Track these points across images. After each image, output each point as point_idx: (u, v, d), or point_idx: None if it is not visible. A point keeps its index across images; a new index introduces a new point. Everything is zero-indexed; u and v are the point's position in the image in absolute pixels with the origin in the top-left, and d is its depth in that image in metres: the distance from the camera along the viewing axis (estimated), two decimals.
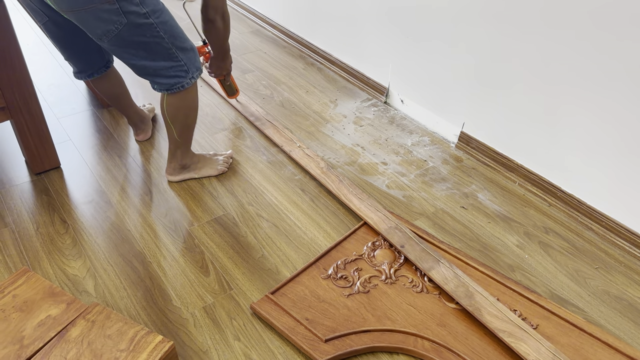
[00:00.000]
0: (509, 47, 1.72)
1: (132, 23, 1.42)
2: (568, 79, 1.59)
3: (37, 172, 1.89)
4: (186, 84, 1.61)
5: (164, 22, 1.48)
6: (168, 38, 1.50)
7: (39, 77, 2.47)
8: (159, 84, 1.60)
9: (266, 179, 1.88)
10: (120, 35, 1.44)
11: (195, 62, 1.63)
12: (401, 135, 2.12)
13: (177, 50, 1.54)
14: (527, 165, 1.83)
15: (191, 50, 1.60)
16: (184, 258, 1.56)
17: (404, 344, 1.29)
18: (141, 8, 1.41)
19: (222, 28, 1.77)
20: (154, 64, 1.54)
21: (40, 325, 1.25)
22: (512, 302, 1.40)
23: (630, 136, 1.49)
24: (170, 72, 1.57)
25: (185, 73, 1.60)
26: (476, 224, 1.70)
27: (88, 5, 1.37)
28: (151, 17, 1.44)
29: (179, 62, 1.57)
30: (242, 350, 1.31)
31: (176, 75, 1.58)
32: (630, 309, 1.43)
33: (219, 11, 1.71)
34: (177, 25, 1.54)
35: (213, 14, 1.71)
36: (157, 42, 1.49)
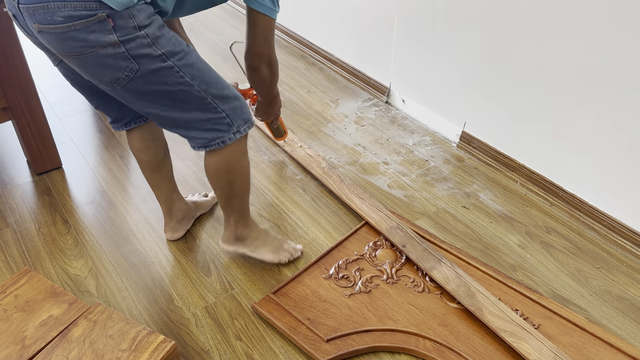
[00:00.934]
0: (511, 47, 1.72)
1: (147, 69, 1.13)
2: (570, 79, 1.59)
3: (39, 172, 1.89)
4: (228, 139, 1.28)
5: (189, 65, 1.18)
6: (199, 84, 1.20)
7: (41, 77, 2.48)
8: (194, 140, 1.30)
9: (267, 179, 1.88)
10: (134, 83, 1.16)
11: (242, 113, 1.30)
12: (402, 135, 2.12)
13: (215, 99, 1.23)
14: (528, 165, 1.83)
15: (235, 99, 1.28)
16: (185, 258, 1.56)
17: (406, 343, 1.29)
18: (155, 49, 1.12)
19: (268, 76, 1.46)
20: (186, 115, 1.24)
21: (42, 325, 1.25)
22: (514, 302, 1.40)
23: (632, 136, 1.49)
24: (207, 124, 1.26)
25: (228, 127, 1.28)
26: (478, 224, 1.70)
27: (86, 50, 1.09)
28: (170, 59, 1.15)
29: (219, 114, 1.26)
30: (243, 350, 1.31)
31: (215, 128, 1.27)
32: (632, 308, 1.43)
33: (264, 58, 1.39)
34: (209, 70, 1.24)
35: (257, 62, 1.40)
36: (184, 91, 1.19)
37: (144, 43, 1.11)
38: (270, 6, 1.28)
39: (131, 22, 1.08)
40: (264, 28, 1.32)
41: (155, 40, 1.12)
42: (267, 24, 1.31)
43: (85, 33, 1.06)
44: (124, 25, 1.08)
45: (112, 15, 1.05)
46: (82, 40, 1.07)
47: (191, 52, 1.21)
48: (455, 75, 1.97)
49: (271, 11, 1.29)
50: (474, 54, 1.86)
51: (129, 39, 1.09)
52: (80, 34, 1.07)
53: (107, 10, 1.05)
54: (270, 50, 1.40)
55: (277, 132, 1.91)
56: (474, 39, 1.83)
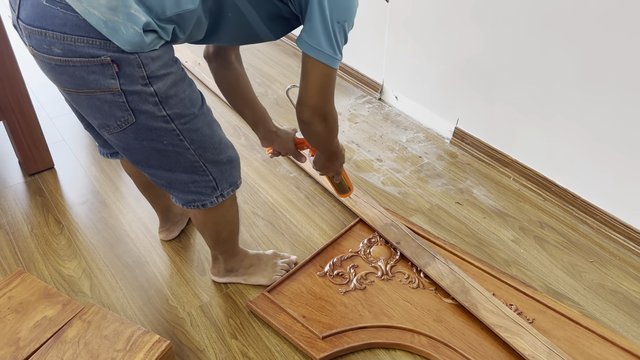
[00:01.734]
0: (503, 43, 1.72)
1: (143, 125, 1.02)
2: (562, 74, 1.59)
3: (31, 173, 1.88)
4: (209, 202, 1.21)
5: (193, 130, 1.08)
6: (196, 149, 1.10)
7: (31, 77, 2.46)
8: (174, 196, 1.22)
9: (261, 177, 1.87)
10: (124, 134, 1.04)
11: (230, 176, 1.21)
12: (396, 132, 2.13)
13: (207, 163, 1.14)
14: (521, 161, 1.83)
15: (228, 163, 1.19)
16: (179, 257, 1.56)
17: (401, 339, 1.30)
18: (160, 109, 1.01)
19: (322, 132, 1.21)
20: (170, 174, 1.14)
21: (36, 326, 1.24)
22: (508, 297, 1.40)
23: (624, 131, 1.50)
24: (191, 187, 1.17)
25: (212, 190, 1.20)
26: (471, 220, 1.70)
27: (82, 89, 0.97)
28: (174, 121, 1.04)
29: (205, 177, 1.17)
30: (239, 349, 1.31)
31: (198, 191, 1.19)
32: (625, 301, 1.44)
33: (317, 112, 1.15)
34: (213, 134, 1.13)
35: (309, 115, 1.15)
36: (177, 152, 1.09)
37: (149, 100, 0.99)
38: (329, 53, 1.05)
39: (140, 71, 0.95)
40: (320, 78, 1.09)
41: (165, 99, 1.00)
42: (324, 74, 1.08)
43: (84, 72, 0.94)
44: (131, 73, 0.94)
45: (117, 60, 0.92)
46: (80, 78, 0.95)
47: (201, 115, 1.09)
48: (448, 72, 1.97)
49: (330, 59, 1.05)
50: (466, 50, 1.86)
51: (133, 91, 0.97)
52: (78, 71, 0.94)
53: (112, 54, 0.91)
54: (326, 104, 1.15)
55: (339, 187, 1.63)
56: (466, 35, 1.83)
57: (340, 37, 1.06)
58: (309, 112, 1.14)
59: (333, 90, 1.14)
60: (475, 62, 1.84)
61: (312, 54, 1.04)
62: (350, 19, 1.06)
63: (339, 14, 1.02)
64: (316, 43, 1.03)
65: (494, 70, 1.79)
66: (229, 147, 1.20)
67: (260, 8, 1.05)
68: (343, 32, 1.06)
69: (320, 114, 1.15)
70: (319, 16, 1.01)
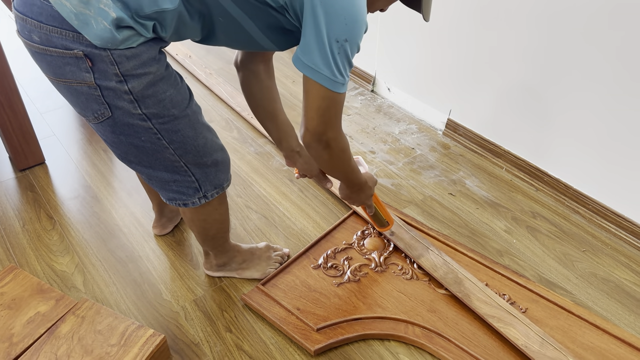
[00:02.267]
0: (494, 34, 1.72)
1: (120, 120, 1.01)
2: (553, 65, 1.59)
3: (22, 168, 1.87)
4: (191, 203, 1.19)
5: (173, 131, 1.05)
6: (176, 149, 1.08)
7: (20, 71, 2.43)
8: (158, 191, 1.21)
9: (254, 171, 1.87)
10: (103, 127, 1.04)
11: (215, 179, 1.18)
12: (389, 124, 2.12)
13: (188, 164, 1.12)
14: (514, 151, 1.84)
15: (213, 166, 1.16)
16: (173, 252, 1.55)
17: (395, 330, 1.30)
18: (135, 107, 0.99)
19: (327, 159, 1.10)
20: (150, 171, 1.13)
21: (29, 322, 1.24)
22: (501, 287, 1.41)
23: (614, 121, 1.51)
24: (172, 186, 1.16)
25: (195, 191, 1.17)
26: (464, 210, 1.71)
27: (60, 78, 0.97)
28: (151, 120, 1.01)
29: (187, 177, 1.14)
30: (234, 342, 1.31)
31: (179, 190, 1.17)
32: (617, 290, 1.45)
33: (317, 137, 1.04)
34: (199, 136, 1.09)
35: (308, 140, 1.05)
36: (156, 150, 1.07)
37: (124, 98, 0.97)
38: (327, 74, 0.94)
39: (113, 68, 0.93)
40: (318, 101, 0.98)
41: (141, 98, 0.98)
42: (322, 97, 0.97)
43: (60, 62, 0.94)
44: (104, 69, 0.93)
45: (90, 55, 0.91)
46: (57, 67, 0.95)
47: (183, 117, 1.05)
48: (441, 63, 1.97)
49: (329, 81, 0.95)
50: (458, 41, 1.86)
51: (107, 87, 0.95)
52: (55, 61, 0.94)
53: (85, 48, 0.90)
54: (328, 129, 1.03)
55: (375, 219, 1.49)
56: (459, 26, 1.83)
57: (340, 58, 0.93)
58: (308, 136, 1.04)
59: (337, 115, 1.02)
60: (467, 53, 1.84)
61: (307, 73, 0.95)
62: (353, 38, 0.92)
63: (337, 32, 0.91)
64: (310, 61, 0.93)
65: (486, 62, 1.79)
66: (216, 150, 1.15)
67: (256, 17, 0.99)
68: (344, 54, 0.93)
69: (321, 140, 1.04)
70: (313, 31, 0.91)
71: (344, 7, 0.90)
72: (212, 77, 2.41)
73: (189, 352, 1.29)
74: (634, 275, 1.49)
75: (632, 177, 1.53)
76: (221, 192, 1.22)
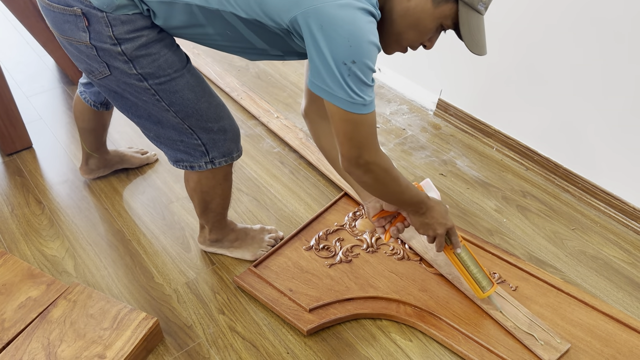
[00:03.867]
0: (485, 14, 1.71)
1: (118, 79, 1.04)
2: (543, 42, 1.59)
3: (9, 152, 1.84)
4: (198, 166, 1.19)
5: (171, 92, 1.06)
6: (177, 112, 1.08)
7: (5, 54, 2.39)
8: (165, 153, 1.22)
9: (245, 153, 1.86)
10: (105, 83, 1.07)
11: (224, 147, 1.17)
12: (379, 105, 2.12)
13: (192, 127, 1.12)
14: (504, 131, 1.84)
15: (220, 132, 1.14)
16: (164, 235, 1.55)
17: (387, 309, 1.31)
18: (130, 67, 1.01)
19: (372, 183, 1.05)
20: (158, 128, 1.14)
21: (20, 307, 1.24)
22: (492, 265, 1.42)
23: (603, 99, 1.51)
24: (179, 145, 1.16)
25: (202, 154, 1.17)
26: (455, 190, 1.71)
27: (62, 34, 1.02)
28: (147, 81, 1.03)
29: (193, 140, 1.14)
30: (227, 324, 1.31)
31: (186, 151, 1.16)
32: (605, 267, 1.47)
33: (354, 162, 1.00)
34: (199, 100, 1.09)
35: (346, 166, 1.01)
36: (158, 111, 1.09)
37: (119, 58, 1.00)
38: (342, 95, 0.90)
39: (107, 30, 0.97)
40: (341, 125, 0.95)
41: (135, 58, 1.00)
42: (344, 120, 0.93)
43: (61, 20, 1.00)
44: (99, 30, 0.97)
45: (87, 14, 0.96)
46: (59, 24, 1.01)
47: (180, 77, 1.05)
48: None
49: (347, 104, 0.91)
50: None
51: (102, 47, 0.99)
52: (57, 17, 1.00)
53: (83, 7, 0.95)
54: (363, 153, 0.98)
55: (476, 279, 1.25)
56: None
57: (352, 80, 0.89)
58: (345, 163, 1.01)
59: (368, 137, 0.97)
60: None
61: (324, 95, 0.92)
62: (361, 60, 0.88)
63: (342, 54, 0.88)
64: (324, 83, 0.91)
65: None
66: (223, 118, 1.15)
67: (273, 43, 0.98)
68: (355, 76, 0.89)
69: (359, 164, 1.00)
70: (316, 56, 0.89)
71: (345, 29, 0.86)
72: (201, 57, 2.38)
73: (182, 334, 1.29)
74: (622, 253, 1.51)
75: (621, 155, 1.54)
76: (230, 162, 1.21)
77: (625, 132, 1.50)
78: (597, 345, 1.24)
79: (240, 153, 1.24)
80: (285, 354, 1.25)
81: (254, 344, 1.27)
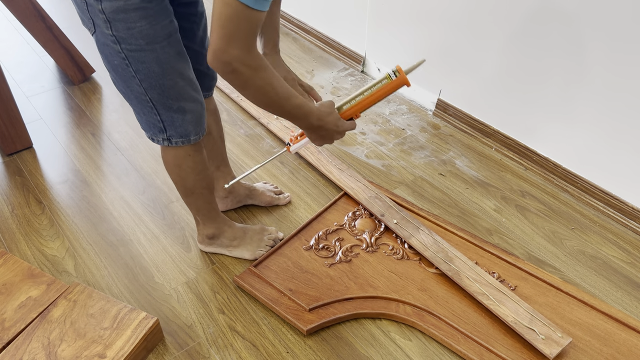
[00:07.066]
0: (484, 14, 1.71)
1: (100, 38, 1.05)
2: (542, 44, 1.59)
3: (9, 152, 1.85)
4: (156, 141, 1.19)
5: (139, 61, 1.04)
6: (142, 81, 1.07)
7: (5, 54, 2.39)
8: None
9: (245, 153, 1.86)
10: (96, 41, 1.07)
11: (181, 127, 1.16)
12: (379, 105, 2.12)
13: (154, 101, 1.11)
14: (503, 131, 1.84)
15: (179, 112, 1.13)
16: (164, 235, 1.55)
17: (386, 309, 1.32)
18: (108, 27, 1.01)
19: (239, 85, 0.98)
20: (126, 95, 1.14)
21: (21, 307, 1.24)
22: (491, 265, 1.43)
23: (602, 99, 1.51)
24: (142, 116, 1.17)
25: (160, 131, 1.17)
26: (454, 190, 1.71)
27: None
28: (120, 44, 1.03)
29: (153, 115, 1.14)
30: (227, 323, 1.32)
31: (147, 123, 1.17)
32: (604, 267, 1.47)
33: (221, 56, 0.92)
34: (166, 77, 1.08)
35: (210, 57, 0.93)
36: (126, 76, 1.08)
37: (99, 16, 1.00)
38: None
39: None
40: (220, 7, 0.88)
41: (112, 20, 1.00)
42: (227, 4, 0.87)
43: None
44: None
45: None
46: None
47: (151, 51, 1.03)
48: (430, 43, 1.96)
49: None
50: (449, 22, 1.85)
51: (90, 2, 1.00)
52: None
53: None
54: (231, 46, 0.90)
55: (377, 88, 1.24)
56: (449, 7, 1.82)
57: None
58: (210, 54, 0.92)
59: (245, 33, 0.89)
60: (457, 33, 1.83)
61: None
62: None
63: None
64: None
65: (475, 42, 1.79)
66: (186, 99, 1.13)
67: None
68: None
69: (222, 60, 0.91)
70: None
71: None
72: None
73: (182, 334, 1.29)
74: (621, 252, 1.51)
75: (619, 155, 1.54)
76: (188, 144, 1.20)
77: (625, 132, 1.50)
78: (596, 345, 1.24)
79: (200, 136, 1.21)
80: (285, 353, 1.25)
81: (254, 344, 1.27)
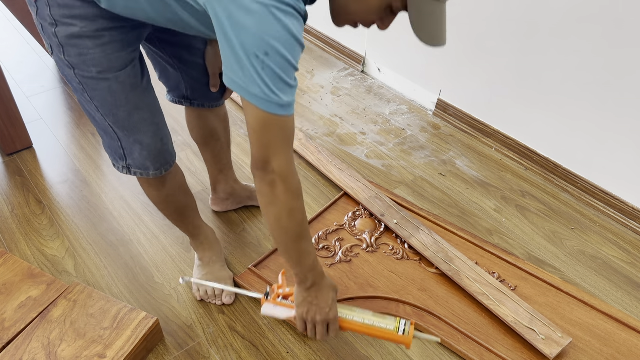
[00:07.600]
0: (484, 14, 1.71)
1: (56, 59, 1.01)
2: (542, 44, 1.59)
3: (9, 152, 1.85)
4: (117, 168, 1.15)
5: (92, 88, 1.01)
6: (99, 107, 1.04)
7: (5, 54, 2.39)
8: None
9: (244, 153, 1.86)
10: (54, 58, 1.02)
11: (139, 159, 1.11)
12: (379, 105, 2.12)
13: (115, 127, 1.07)
14: (503, 131, 1.84)
15: (137, 144, 1.09)
16: (164, 235, 1.55)
17: (387, 309, 1.32)
18: (61, 52, 0.98)
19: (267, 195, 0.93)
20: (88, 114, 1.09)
21: (21, 307, 1.24)
22: (491, 265, 1.43)
23: (602, 99, 1.51)
24: (106, 140, 1.12)
25: (120, 158, 1.12)
26: (454, 190, 1.71)
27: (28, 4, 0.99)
28: (74, 70, 0.99)
29: (114, 141, 1.10)
30: (226, 323, 1.32)
31: (110, 148, 1.13)
32: (604, 267, 1.47)
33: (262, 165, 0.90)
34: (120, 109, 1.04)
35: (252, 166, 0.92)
36: (84, 99, 1.05)
37: (53, 40, 0.97)
38: (255, 91, 0.81)
39: (47, 9, 0.93)
40: (253, 122, 0.86)
41: (65, 45, 0.97)
42: (256, 117, 0.84)
43: None
44: (42, 7, 0.94)
45: None
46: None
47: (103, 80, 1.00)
48: None
49: (259, 100, 0.82)
50: (449, 22, 1.84)
51: (44, 25, 0.96)
52: None
53: None
54: (272, 156, 0.88)
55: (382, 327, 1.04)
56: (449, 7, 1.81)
57: (267, 75, 0.79)
58: (252, 164, 0.91)
59: (281, 142, 0.87)
60: (457, 32, 1.83)
61: (236, 89, 0.83)
62: (273, 52, 0.79)
63: (252, 45, 0.78)
64: (237, 76, 0.81)
65: (475, 42, 1.79)
66: (143, 132, 1.08)
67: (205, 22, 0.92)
68: (270, 70, 0.79)
69: (264, 168, 0.89)
70: (225, 44, 0.80)
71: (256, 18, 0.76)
72: None
73: (182, 334, 1.29)
74: (621, 253, 1.51)
75: (620, 155, 1.54)
76: (146, 177, 1.14)
77: (625, 132, 1.50)
78: (597, 345, 1.24)
79: (161, 172, 1.15)
80: (285, 353, 1.25)
81: (254, 344, 1.27)
